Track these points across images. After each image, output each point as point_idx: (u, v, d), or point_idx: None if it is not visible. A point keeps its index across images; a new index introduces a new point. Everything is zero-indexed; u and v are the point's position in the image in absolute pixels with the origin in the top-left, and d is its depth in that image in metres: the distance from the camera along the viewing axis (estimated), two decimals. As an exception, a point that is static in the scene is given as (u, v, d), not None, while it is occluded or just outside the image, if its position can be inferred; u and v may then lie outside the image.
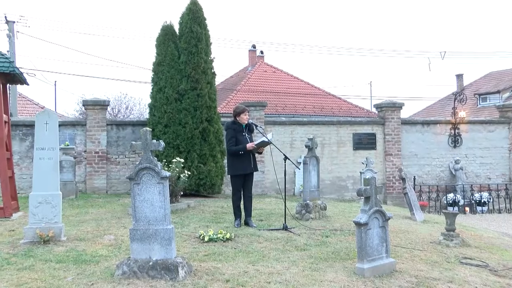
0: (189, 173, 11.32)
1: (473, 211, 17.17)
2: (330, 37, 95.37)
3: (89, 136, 14.21)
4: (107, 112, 15.60)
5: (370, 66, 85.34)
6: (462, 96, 18.95)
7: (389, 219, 5.86)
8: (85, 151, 14.23)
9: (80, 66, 75.98)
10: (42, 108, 27.63)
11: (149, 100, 13.97)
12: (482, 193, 17.37)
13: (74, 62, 57.90)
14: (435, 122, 17.99)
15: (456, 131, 17.78)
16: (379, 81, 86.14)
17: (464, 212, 16.86)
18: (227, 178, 13.26)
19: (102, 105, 14.50)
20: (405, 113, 60.72)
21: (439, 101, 39.81)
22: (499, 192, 17.51)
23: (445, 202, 16.99)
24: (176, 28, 13.72)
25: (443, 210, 9.67)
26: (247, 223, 8.51)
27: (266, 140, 8.31)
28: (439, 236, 7.95)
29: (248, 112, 8.69)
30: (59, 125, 14.59)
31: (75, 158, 13.58)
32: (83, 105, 15.21)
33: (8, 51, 22.12)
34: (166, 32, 13.63)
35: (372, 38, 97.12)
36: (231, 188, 8.80)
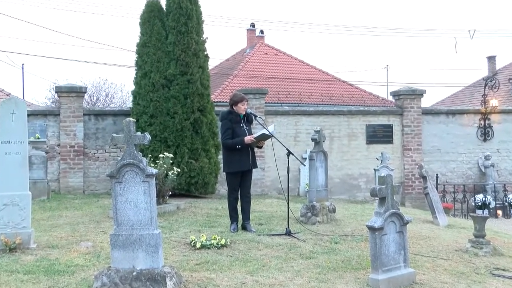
0: (179, 170, 11.33)
1: (506, 215, 17.17)
2: (339, 14, 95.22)
3: (63, 128, 14.20)
4: (84, 100, 15.58)
5: (386, 48, 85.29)
6: (494, 81, 18.92)
7: (407, 223, 5.87)
8: (58, 145, 14.23)
9: (52, 46, 75.85)
10: (7, 95, 27.54)
11: (132, 87, 13.95)
12: (517, 194, 17.36)
13: (45, 42, 57.78)
14: (462, 112, 17.97)
15: (487, 122, 17.77)
16: (396, 65, 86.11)
17: (496, 215, 16.86)
18: (222, 176, 13.24)
19: (78, 92, 14.48)
20: (426, 102, 60.63)
21: (466, 87, 39.79)
22: (537, 194, 17.49)
23: (473, 204, 17.00)
24: (163, 3, 13.69)
25: (471, 214, 9.69)
26: (244, 228, 8.53)
27: (267, 132, 8.32)
28: (466, 243, 7.96)
29: (247, 101, 8.70)
30: (28, 115, 14.53)
31: (47, 153, 13.58)
32: (56, 92, 15.17)
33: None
34: (152, 8, 13.60)
35: (388, 15, 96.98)
36: (226, 187, 8.80)
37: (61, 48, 76.19)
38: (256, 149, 8.77)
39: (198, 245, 7.16)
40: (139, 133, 5.55)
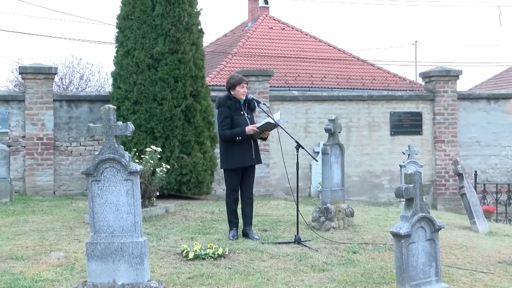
0: (168, 166, 11.35)
1: (560, 220, 17.12)
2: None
3: (29, 117, 14.20)
4: (54, 84, 15.60)
5: (415, 20, 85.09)
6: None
7: (439, 229, 5.88)
8: (23, 137, 14.24)
9: (15, 19, 75.82)
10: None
11: (112, 67, 13.95)
12: None
13: (6, 13, 57.77)
14: (507, 97, 17.89)
15: (537, 108, 17.72)
16: (427, 41, 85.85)
17: (547, 221, 16.84)
18: (219, 174, 13.28)
19: (47, 73, 14.47)
20: (463, 85, 60.39)
21: (513, 67, 39.68)
22: None
23: (520, 207, 16.96)
24: (149, -33, 13.68)
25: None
26: (246, 234, 8.56)
27: (272, 121, 8.33)
28: (511, 253, 7.96)
29: (247, 84, 8.69)
30: (-12, 101, 14.67)
31: (9, 146, 13.59)
32: (20, 73, 15.17)
33: None
34: (135, -27, 13.58)
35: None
36: (224, 187, 8.81)
37: (25, 20, 76.06)
38: (259, 142, 8.77)
39: (191, 255, 7.18)
40: (121, 122, 5.56)
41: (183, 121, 13.12)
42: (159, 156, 10.99)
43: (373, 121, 16.66)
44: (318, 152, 13.97)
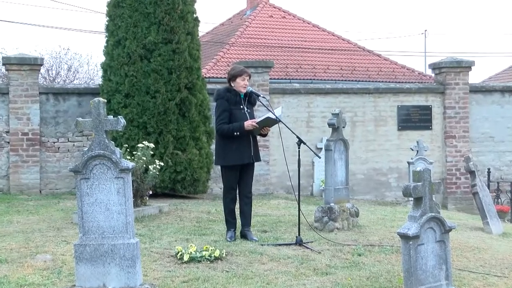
0: (162, 163, 11.35)
1: None
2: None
3: (14, 110, 14.19)
4: (40, 75, 15.57)
5: (424, 8, 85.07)
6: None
7: (450, 230, 5.88)
8: (7, 132, 14.22)
9: None
10: None
11: (102, 58, 13.94)
12: None
13: (-9, 2, 57.65)
14: (522, 89, 17.91)
15: (555, 101, 17.71)
16: (437, 30, 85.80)
17: None
18: (216, 171, 13.28)
19: (32, 64, 14.44)
20: (475, 77, 60.38)
21: (527, 58, 39.64)
22: None
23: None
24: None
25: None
26: (244, 236, 8.57)
27: (273, 116, 8.32)
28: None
29: (250, 77, 8.67)
30: (-29, 94, 14.66)
31: (-7, 142, 13.59)
32: (4, 64, 15.16)
33: None
34: (126, -43, 13.56)
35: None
36: (221, 185, 8.81)
37: (9, 8, 76.04)
38: (259, 138, 8.77)
39: (185, 258, 7.18)
40: (111, 116, 5.56)
41: (177, 115, 13.11)
42: (152, 153, 10.99)
43: (380, 115, 16.64)
44: (321, 149, 13.99)
